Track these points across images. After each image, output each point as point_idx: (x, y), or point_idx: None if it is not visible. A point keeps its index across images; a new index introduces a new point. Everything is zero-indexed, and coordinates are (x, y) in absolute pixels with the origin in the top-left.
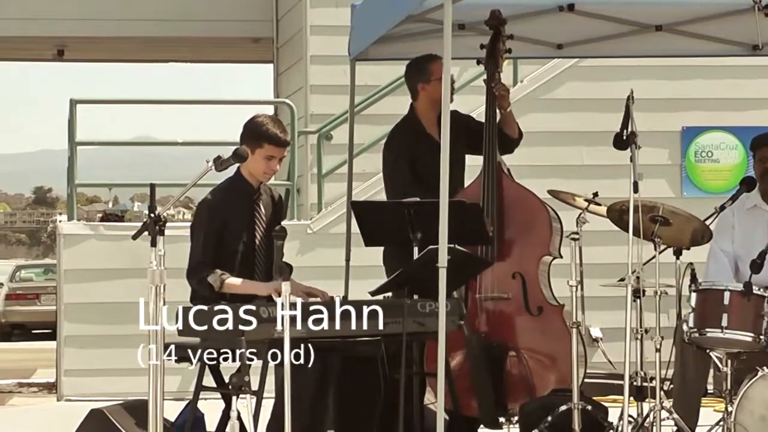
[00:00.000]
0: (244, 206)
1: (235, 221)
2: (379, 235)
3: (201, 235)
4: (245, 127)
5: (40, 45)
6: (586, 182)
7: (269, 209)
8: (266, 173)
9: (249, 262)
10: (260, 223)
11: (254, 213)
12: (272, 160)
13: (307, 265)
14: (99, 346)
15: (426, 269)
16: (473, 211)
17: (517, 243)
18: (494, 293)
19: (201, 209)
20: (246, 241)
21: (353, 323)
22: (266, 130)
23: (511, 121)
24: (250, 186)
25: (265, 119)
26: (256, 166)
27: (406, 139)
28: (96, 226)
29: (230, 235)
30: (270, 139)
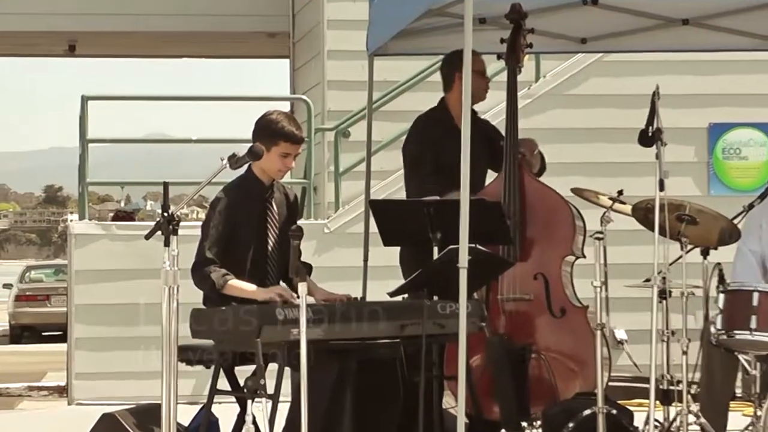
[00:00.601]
0: (256, 205)
1: (247, 221)
2: (398, 234)
3: (210, 233)
4: (258, 125)
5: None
6: (610, 180)
7: (282, 208)
8: (281, 171)
9: (261, 264)
10: (273, 222)
11: (266, 212)
12: (287, 157)
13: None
14: (111, 348)
15: (446, 270)
16: (495, 210)
17: (539, 243)
18: (516, 294)
19: (212, 207)
20: (258, 242)
21: (371, 325)
22: (282, 128)
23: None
24: (262, 184)
25: (278, 116)
26: (271, 163)
27: (432, 130)
28: (108, 226)
29: (241, 235)
30: (286, 136)
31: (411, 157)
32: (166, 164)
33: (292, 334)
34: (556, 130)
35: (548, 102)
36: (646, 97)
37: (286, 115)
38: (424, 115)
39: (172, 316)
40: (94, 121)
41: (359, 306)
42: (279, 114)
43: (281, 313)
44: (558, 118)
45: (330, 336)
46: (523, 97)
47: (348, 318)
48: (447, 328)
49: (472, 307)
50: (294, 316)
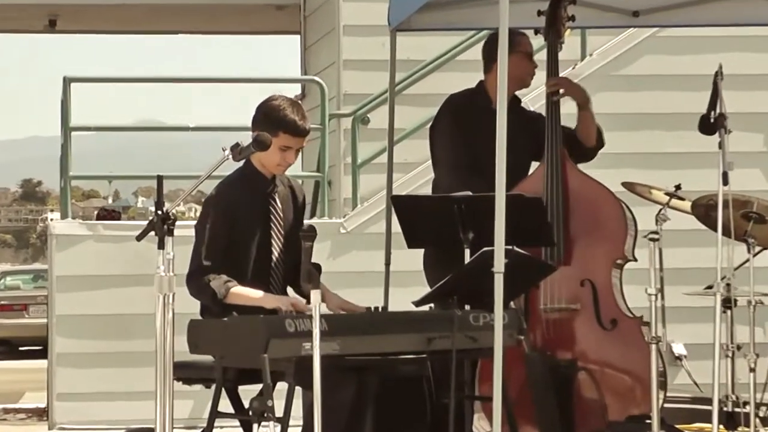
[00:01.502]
0: (257, 201)
1: (247, 220)
2: (425, 235)
3: (206, 234)
4: (258, 111)
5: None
6: (666, 173)
7: (287, 203)
8: (280, 166)
9: (265, 270)
10: (277, 220)
11: (269, 209)
12: (288, 151)
13: (339, 270)
14: (97, 365)
15: (479, 275)
16: (535, 207)
17: (585, 244)
18: (560, 303)
19: (206, 206)
20: (260, 244)
21: (394, 338)
22: (283, 116)
23: (589, 124)
24: (263, 177)
25: (282, 102)
26: (269, 157)
27: (465, 113)
28: (94, 226)
29: (241, 237)
30: (287, 126)
31: (440, 145)
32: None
33: (303, 348)
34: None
35: (595, 84)
36: (708, 78)
37: (291, 103)
38: (457, 96)
39: (166, 329)
40: (78, 106)
41: (380, 317)
42: (283, 100)
43: (291, 325)
44: (606, 103)
45: (347, 351)
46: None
47: (367, 330)
48: (480, 341)
49: (509, 318)
50: (306, 328)
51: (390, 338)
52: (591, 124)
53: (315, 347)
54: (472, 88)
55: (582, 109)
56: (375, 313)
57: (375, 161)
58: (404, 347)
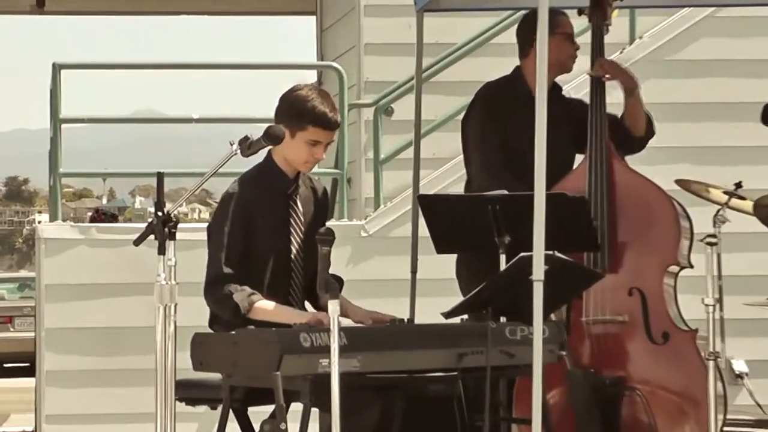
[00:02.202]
0: (277, 203)
1: (266, 222)
2: (455, 238)
3: (224, 238)
4: (283, 102)
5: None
6: (725, 169)
7: (309, 206)
8: (308, 163)
9: (283, 276)
10: (297, 224)
11: (290, 211)
12: (317, 146)
13: (360, 278)
14: (91, 384)
15: (516, 283)
16: (578, 208)
17: (634, 249)
18: (605, 315)
19: (223, 205)
20: (279, 249)
21: (421, 354)
22: (312, 108)
23: (637, 112)
24: (285, 176)
25: (310, 92)
26: (296, 152)
27: (502, 102)
28: (86, 229)
29: (259, 240)
30: (317, 119)
31: (473, 139)
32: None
33: (320, 365)
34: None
35: (645, 70)
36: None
37: (319, 92)
38: (492, 84)
39: (168, 343)
40: (69, 96)
41: (406, 330)
42: (311, 90)
43: (307, 339)
44: (658, 91)
45: (369, 368)
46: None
47: (392, 345)
48: (517, 357)
49: (550, 332)
50: (323, 343)
51: (417, 354)
52: (639, 112)
53: (333, 364)
54: (508, 76)
55: (629, 96)
56: (400, 326)
57: (400, 156)
58: (433, 364)
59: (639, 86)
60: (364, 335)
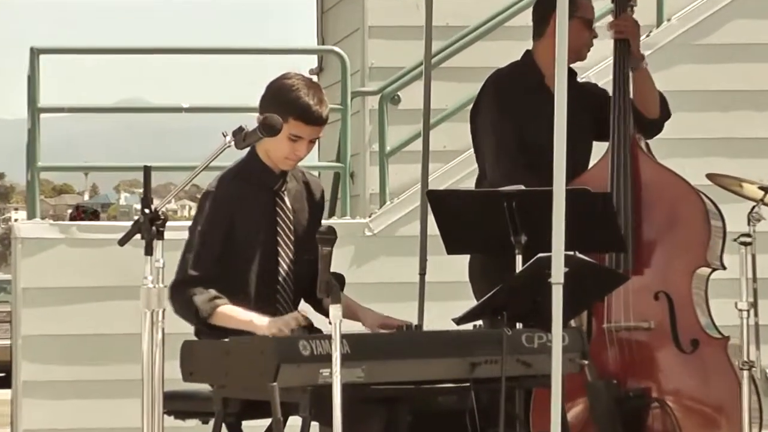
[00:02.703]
0: (261, 200)
1: (248, 222)
2: (468, 238)
3: (194, 239)
4: (268, 90)
5: None
6: (760, 162)
7: (301, 202)
8: (288, 159)
9: (270, 285)
10: (286, 223)
11: (276, 209)
12: (299, 142)
13: (364, 281)
14: (71, 395)
15: (533, 286)
16: (602, 204)
17: (660, 249)
18: (629, 321)
19: (201, 203)
20: (264, 254)
21: (431, 363)
22: (295, 98)
23: (648, 87)
24: (270, 171)
25: (297, 81)
26: (277, 147)
27: (513, 91)
28: (67, 227)
29: (242, 241)
30: (298, 110)
31: (483, 131)
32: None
33: (321, 375)
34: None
35: (674, 55)
36: None
37: (308, 83)
38: (501, 72)
39: (155, 352)
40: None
41: (414, 337)
42: (299, 79)
43: (306, 347)
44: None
45: (374, 378)
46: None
47: (398, 353)
48: (535, 367)
49: (570, 339)
50: (324, 351)
51: (426, 363)
52: (650, 90)
53: (335, 374)
54: (517, 62)
55: (636, 69)
56: (407, 333)
57: (407, 149)
58: (443, 374)
59: (644, 57)
60: (368, 343)
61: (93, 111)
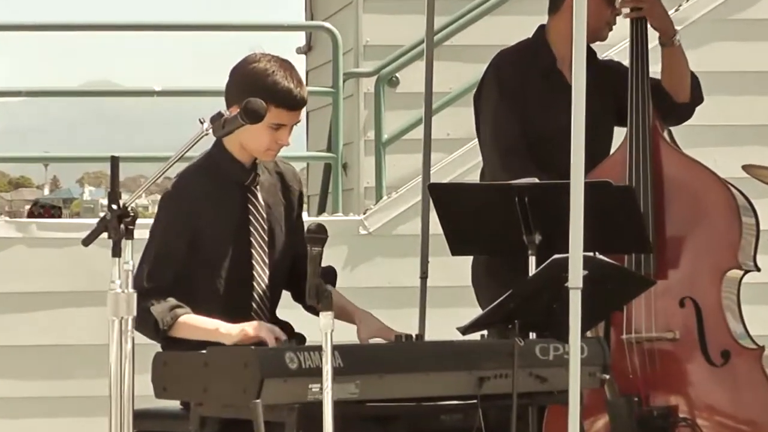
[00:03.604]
0: (231, 198)
1: (216, 223)
2: (474, 237)
3: (153, 247)
4: (237, 78)
5: None
6: None
7: (275, 196)
8: (270, 150)
9: (243, 296)
10: (260, 222)
11: (248, 206)
12: (281, 129)
13: (358, 285)
14: (30, 414)
15: (548, 292)
16: (626, 199)
17: (686, 250)
18: (651, 331)
19: (159, 206)
20: (236, 254)
21: (433, 378)
22: (273, 83)
23: (680, 66)
24: (240, 166)
25: (270, 64)
26: (256, 139)
27: (520, 78)
28: (25, 225)
29: (208, 246)
30: (279, 97)
31: (484, 120)
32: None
33: (310, 391)
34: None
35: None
36: None
37: (281, 64)
38: (506, 54)
39: (124, 364)
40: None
41: (414, 348)
42: (269, 61)
43: (294, 360)
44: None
45: (369, 395)
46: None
47: (397, 367)
48: (550, 382)
49: (590, 351)
50: (314, 364)
51: (428, 378)
52: (683, 69)
53: (326, 390)
54: (527, 41)
55: (666, 45)
56: (407, 344)
57: (407, 137)
58: (447, 390)
59: (677, 32)
60: (363, 355)
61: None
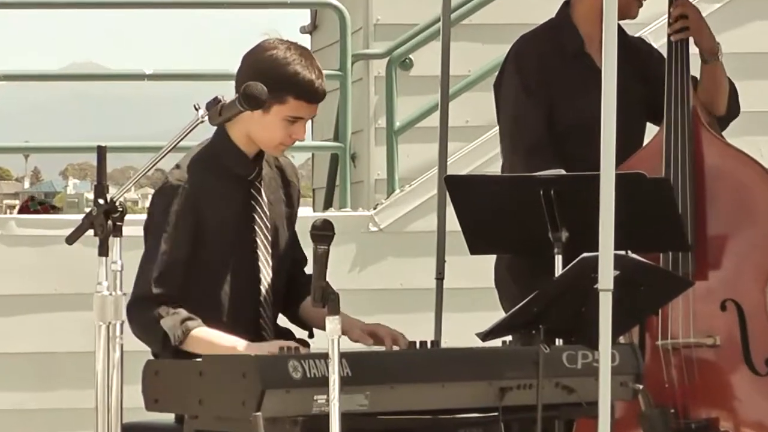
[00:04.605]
0: (236, 194)
1: (222, 221)
2: (495, 234)
3: (159, 247)
4: (252, 65)
5: None
6: None
7: (277, 192)
8: (283, 145)
9: (249, 300)
10: (264, 222)
11: (252, 204)
12: (297, 123)
13: (368, 287)
14: (11, 427)
15: (576, 294)
16: (662, 192)
17: (728, 248)
18: (689, 337)
19: (162, 201)
20: (242, 255)
21: (450, 389)
22: (295, 74)
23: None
24: (244, 157)
25: (288, 53)
26: (269, 131)
27: (547, 59)
28: (4, 222)
29: (213, 245)
30: (300, 89)
31: (510, 113)
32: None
33: (316, 403)
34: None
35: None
36: None
37: (301, 52)
38: (528, 36)
39: (112, 374)
40: None
41: (429, 356)
42: (288, 48)
43: (298, 369)
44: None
45: (380, 407)
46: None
47: (410, 376)
48: (578, 393)
49: (622, 359)
50: (319, 374)
51: (444, 388)
52: (722, 83)
53: (333, 402)
54: (551, 22)
55: (708, 62)
56: (421, 351)
57: (421, 124)
58: (465, 401)
59: (720, 50)
60: (373, 363)
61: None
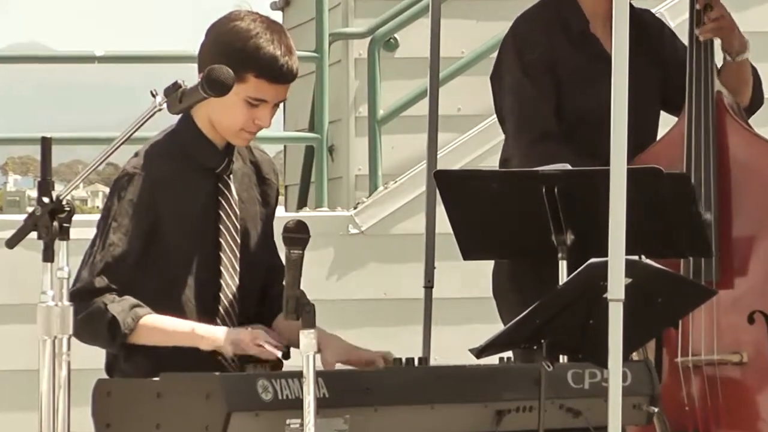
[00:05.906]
0: (200, 186)
1: (182, 216)
2: (491, 237)
3: (107, 238)
4: (214, 38)
5: None
6: None
7: (250, 190)
8: (245, 132)
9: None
10: (231, 220)
11: (219, 199)
12: (261, 106)
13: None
14: None
15: (583, 304)
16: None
17: (756, 253)
18: (712, 353)
19: (115, 191)
20: (204, 259)
21: (440, 411)
22: (255, 47)
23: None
24: (211, 146)
25: (255, 24)
26: (229, 115)
27: (548, 39)
28: None
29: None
30: (261, 65)
31: (512, 102)
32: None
33: (288, 428)
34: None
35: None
36: None
37: (268, 25)
38: (527, 16)
39: (58, 394)
40: None
41: (416, 375)
42: (254, 21)
43: (268, 389)
44: None
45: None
46: None
47: (395, 397)
48: (585, 416)
49: (634, 377)
50: (293, 395)
51: (433, 411)
52: (745, 76)
53: (308, 426)
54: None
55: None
56: (408, 369)
57: (407, 113)
58: (458, 426)
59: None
60: (353, 383)
61: None
